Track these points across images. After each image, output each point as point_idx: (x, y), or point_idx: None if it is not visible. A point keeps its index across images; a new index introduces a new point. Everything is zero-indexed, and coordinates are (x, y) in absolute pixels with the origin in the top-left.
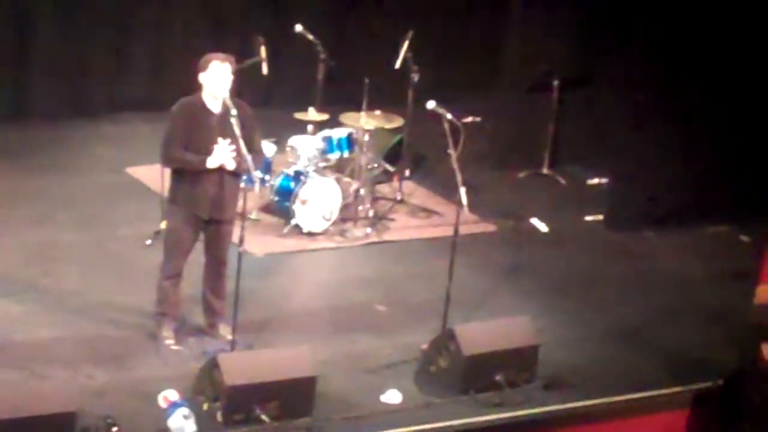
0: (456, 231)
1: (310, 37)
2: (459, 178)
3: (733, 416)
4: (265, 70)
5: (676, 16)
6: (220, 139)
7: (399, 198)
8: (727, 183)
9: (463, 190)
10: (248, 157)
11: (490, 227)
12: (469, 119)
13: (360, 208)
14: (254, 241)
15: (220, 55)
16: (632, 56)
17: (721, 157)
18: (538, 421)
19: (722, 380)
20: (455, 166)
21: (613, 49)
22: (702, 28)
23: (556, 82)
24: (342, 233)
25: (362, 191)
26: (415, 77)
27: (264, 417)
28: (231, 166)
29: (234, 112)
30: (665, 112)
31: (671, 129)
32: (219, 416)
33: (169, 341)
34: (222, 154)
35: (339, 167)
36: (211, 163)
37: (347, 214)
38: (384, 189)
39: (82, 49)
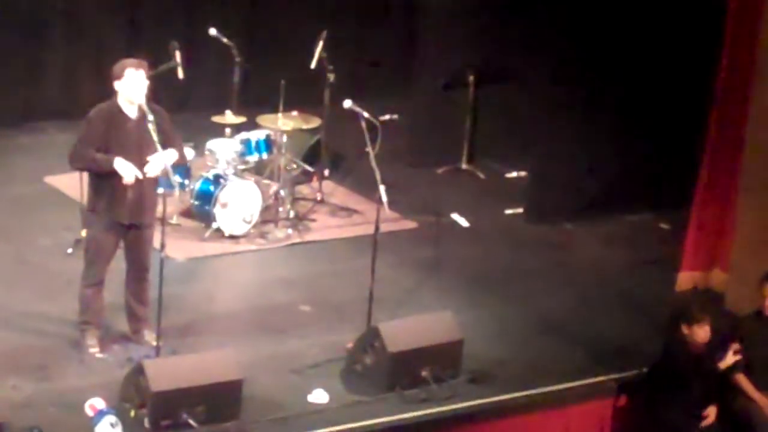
0: (377, 229)
1: (225, 40)
2: (378, 176)
3: (659, 402)
4: (180, 74)
5: (590, 9)
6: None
7: (319, 198)
8: (646, 172)
9: (382, 188)
10: (167, 163)
11: (410, 224)
12: (386, 117)
13: (280, 209)
14: (176, 245)
15: (134, 61)
16: (547, 50)
17: (638, 146)
18: (465, 416)
19: (646, 368)
20: (374, 164)
21: (527, 43)
22: (617, 20)
23: (471, 78)
24: (263, 235)
25: (282, 192)
26: (331, 77)
27: (191, 422)
28: (136, 176)
29: (151, 117)
30: (582, 104)
31: (588, 120)
32: (146, 422)
33: (94, 349)
34: (131, 169)
35: (258, 169)
36: (119, 165)
37: (268, 216)
38: (304, 189)
39: None
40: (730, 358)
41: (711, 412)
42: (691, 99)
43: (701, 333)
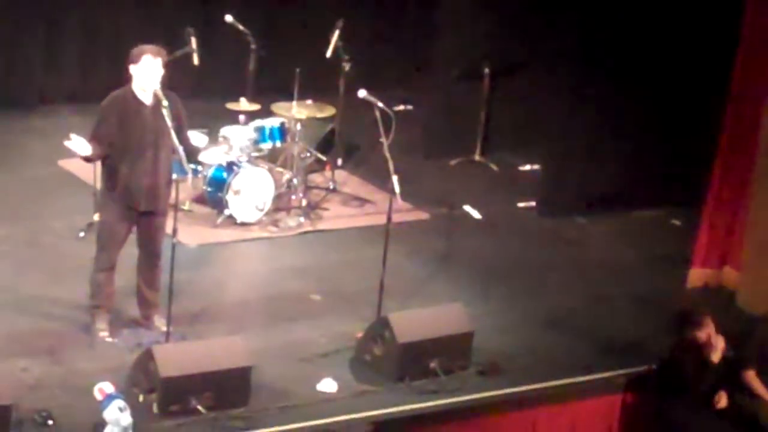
0: (389, 219)
1: (241, 27)
2: (391, 166)
3: (667, 399)
4: (196, 60)
5: (607, 4)
6: (73, 135)
7: (332, 187)
8: (659, 168)
9: (395, 178)
10: (180, 148)
11: (422, 215)
12: (401, 107)
13: (293, 197)
14: (187, 231)
15: (153, 48)
16: (562, 43)
17: (652, 142)
18: (474, 408)
19: (655, 364)
20: (387, 154)
21: (543, 36)
22: (632, 15)
23: (486, 70)
24: (275, 223)
25: (295, 181)
26: (346, 66)
27: (199, 407)
28: (151, 163)
29: (165, 103)
30: (596, 98)
31: (602, 115)
32: (155, 407)
33: (104, 333)
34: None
35: (271, 157)
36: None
37: (280, 204)
38: (317, 178)
39: (11, 42)
40: (719, 352)
41: (722, 397)
42: (706, 96)
43: (704, 336)
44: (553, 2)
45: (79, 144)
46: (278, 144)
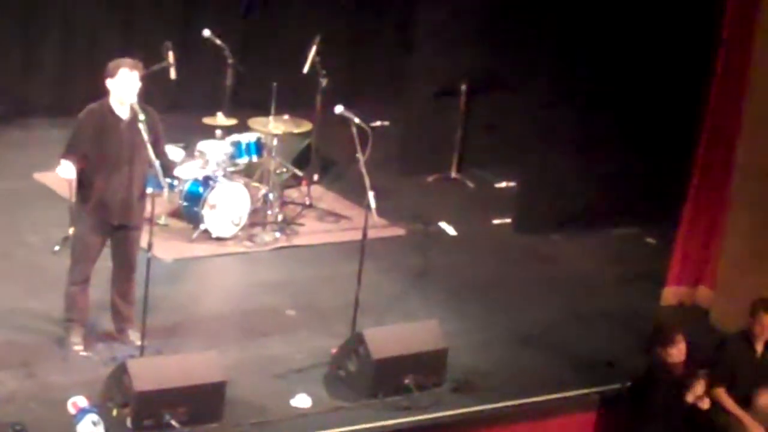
0: (364, 235)
1: (218, 42)
2: (367, 182)
3: (641, 418)
4: (173, 74)
5: (582, 19)
6: (63, 161)
7: (308, 202)
8: (634, 186)
9: (371, 194)
10: (156, 162)
11: (398, 231)
12: (378, 123)
13: (269, 212)
14: (163, 246)
15: (129, 61)
16: (540, 61)
17: (627, 160)
18: (447, 425)
19: (630, 382)
20: (363, 170)
21: (520, 54)
22: (608, 32)
23: (463, 87)
24: (251, 238)
25: (271, 196)
26: (323, 82)
27: (173, 422)
28: (126, 177)
29: (142, 117)
30: (572, 116)
31: (578, 132)
32: (128, 422)
33: (78, 347)
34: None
35: (248, 172)
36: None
37: (256, 219)
38: (293, 194)
39: None
40: (698, 390)
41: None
42: (682, 114)
43: (676, 353)
44: (529, 20)
45: (67, 169)
46: (254, 159)
